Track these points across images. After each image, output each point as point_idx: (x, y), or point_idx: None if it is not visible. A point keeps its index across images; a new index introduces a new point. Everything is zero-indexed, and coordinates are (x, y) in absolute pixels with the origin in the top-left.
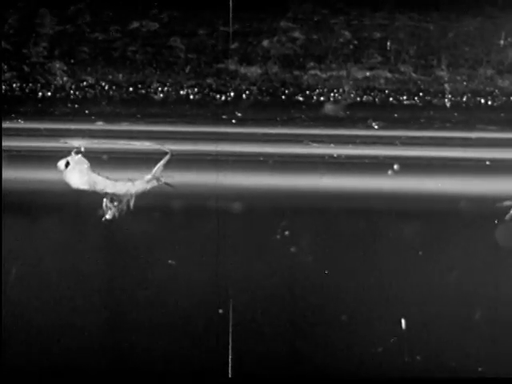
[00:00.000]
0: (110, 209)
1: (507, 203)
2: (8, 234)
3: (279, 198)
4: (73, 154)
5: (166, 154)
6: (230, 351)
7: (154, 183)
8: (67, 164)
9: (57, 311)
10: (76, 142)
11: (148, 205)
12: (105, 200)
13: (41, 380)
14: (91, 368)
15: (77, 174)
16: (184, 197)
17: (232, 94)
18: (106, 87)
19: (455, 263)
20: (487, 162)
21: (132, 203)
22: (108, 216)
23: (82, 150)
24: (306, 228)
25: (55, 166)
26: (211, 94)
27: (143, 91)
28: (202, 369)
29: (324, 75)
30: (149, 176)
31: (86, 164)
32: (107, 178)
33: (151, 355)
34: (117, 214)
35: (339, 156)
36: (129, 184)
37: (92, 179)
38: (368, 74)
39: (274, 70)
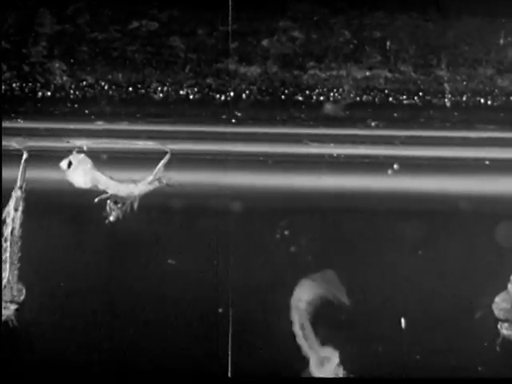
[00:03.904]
0: (114, 210)
1: None
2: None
3: (279, 198)
4: (74, 153)
5: (165, 153)
6: (229, 351)
7: (156, 184)
8: (70, 164)
9: (59, 311)
10: (78, 142)
11: (147, 204)
12: (108, 202)
13: (41, 380)
14: (90, 367)
15: (80, 173)
16: (183, 196)
17: (232, 93)
18: (106, 87)
19: (455, 263)
20: (487, 162)
21: (136, 205)
22: (112, 218)
23: (85, 148)
24: (306, 228)
25: (55, 166)
26: (211, 93)
27: (143, 91)
28: (201, 369)
29: (324, 75)
30: (150, 177)
31: (88, 163)
32: (111, 177)
33: (150, 355)
34: (120, 216)
35: (339, 156)
36: (131, 186)
37: (95, 178)
38: (368, 73)
39: (274, 70)
